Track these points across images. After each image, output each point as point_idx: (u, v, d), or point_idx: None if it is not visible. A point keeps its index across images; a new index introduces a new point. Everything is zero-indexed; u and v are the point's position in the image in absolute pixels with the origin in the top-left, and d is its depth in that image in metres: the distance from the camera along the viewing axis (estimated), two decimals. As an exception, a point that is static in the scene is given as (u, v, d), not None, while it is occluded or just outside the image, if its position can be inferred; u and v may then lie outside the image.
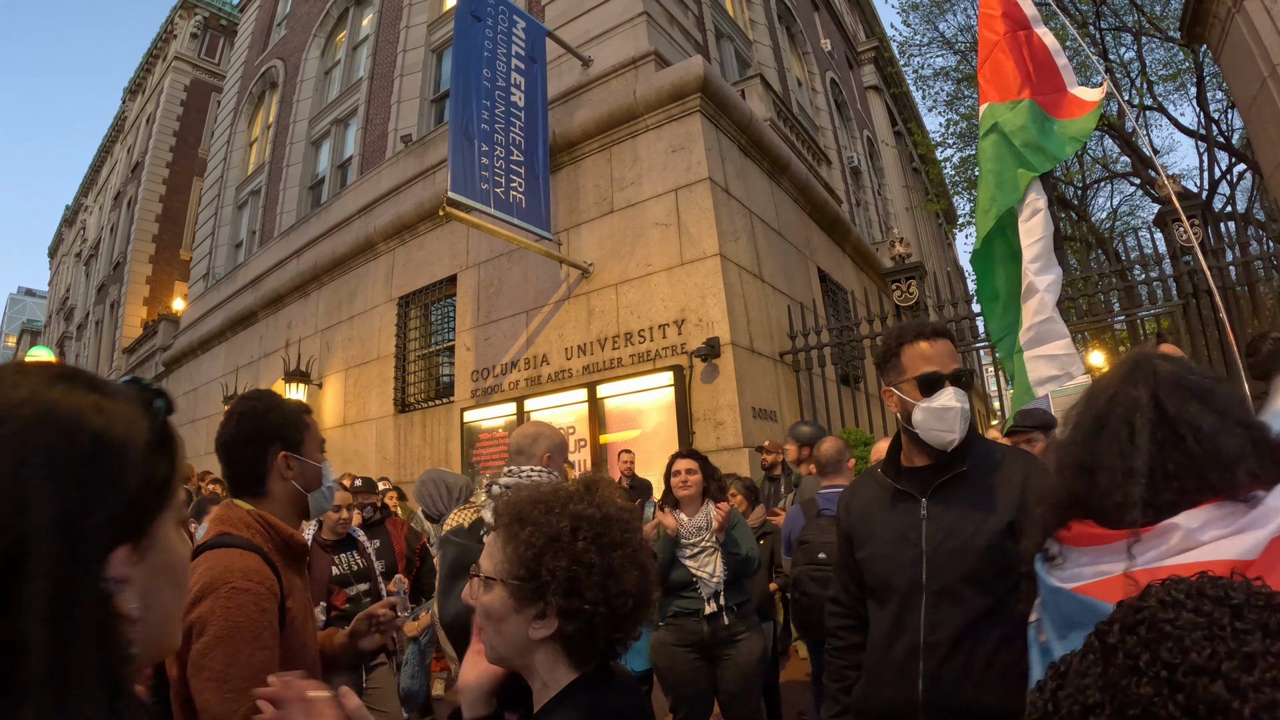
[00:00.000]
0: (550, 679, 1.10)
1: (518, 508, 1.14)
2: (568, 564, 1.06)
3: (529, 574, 1.07)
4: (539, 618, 1.07)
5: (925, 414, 1.74)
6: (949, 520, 1.71)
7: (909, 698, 1.66)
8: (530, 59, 8.03)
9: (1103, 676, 0.57)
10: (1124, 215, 22.24)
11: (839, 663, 1.97)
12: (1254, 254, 6.36)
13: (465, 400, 8.95)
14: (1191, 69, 14.58)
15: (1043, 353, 3.21)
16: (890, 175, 21.81)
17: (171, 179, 29.61)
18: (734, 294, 7.29)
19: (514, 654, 1.11)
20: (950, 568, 1.68)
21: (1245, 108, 9.08)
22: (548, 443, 2.65)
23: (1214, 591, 0.58)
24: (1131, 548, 1.05)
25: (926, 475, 1.79)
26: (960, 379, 1.76)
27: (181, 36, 31.38)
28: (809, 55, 16.89)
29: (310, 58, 15.53)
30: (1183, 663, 0.53)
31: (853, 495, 2.01)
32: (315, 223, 13.26)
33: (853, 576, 1.92)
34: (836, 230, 11.64)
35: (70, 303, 37.52)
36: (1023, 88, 3.50)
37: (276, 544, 1.63)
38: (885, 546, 1.80)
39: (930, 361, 1.77)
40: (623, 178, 8.08)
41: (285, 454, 1.69)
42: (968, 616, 1.64)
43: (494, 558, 1.13)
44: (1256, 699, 0.50)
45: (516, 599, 1.08)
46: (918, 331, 1.82)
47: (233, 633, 1.41)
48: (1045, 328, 3.23)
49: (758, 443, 6.88)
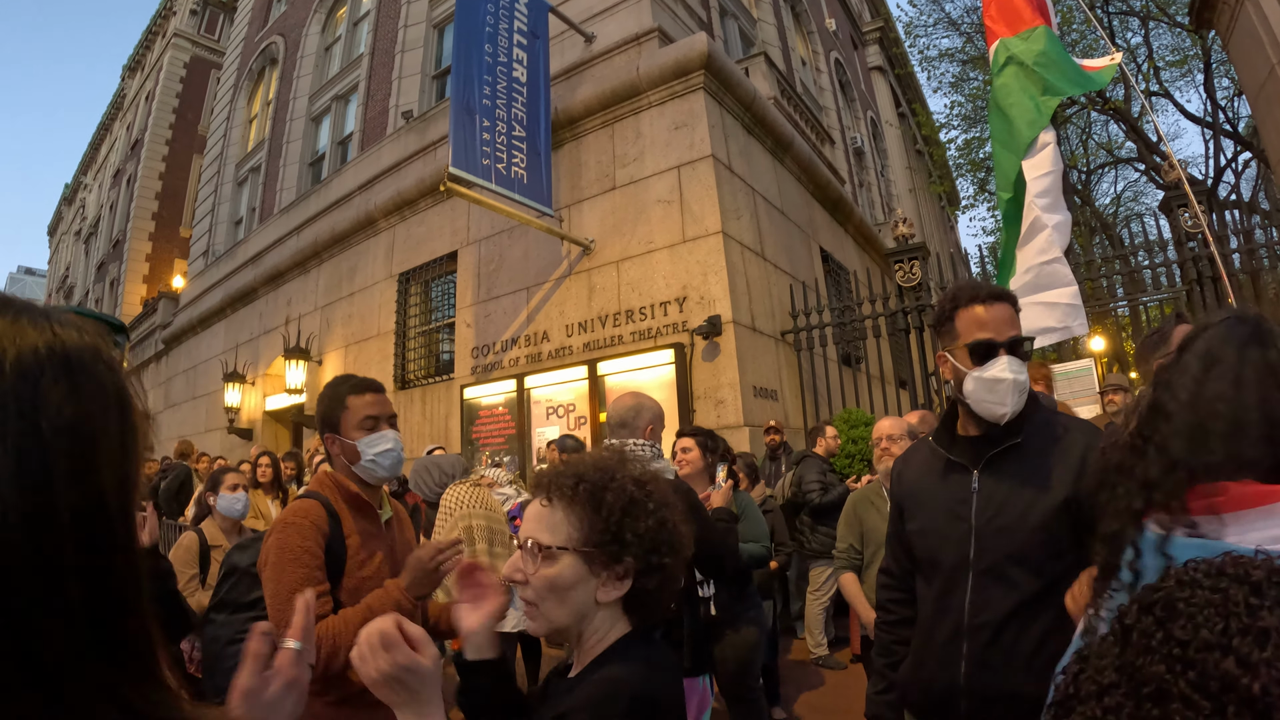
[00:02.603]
0: (604, 638, 1.13)
1: (581, 477, 1.15)
2: (652, 524, 1.12)
3: (612, 538, 1.10)
4: (616, 579, 1.11)
5: (976, 384, 1.64)
6: (1000, 495, 1.62)
7: (952, 681, 1.59)
8: (533, 34, 7.96)
9: (1120, 657, 0.57)
10: (1128, 201, 22.15)
11: (887, 637, 1.90)
12: (1259, 242, 6.33)
13: (465, 377, 8.94)
14: (1199, 55, 14.46)
15: (1043, 299, 2.89)
16: (894, 156, 21.69)
17: (171, 156, 29.46)
18: (736, 272, 7.26)
19: (575, 621, 1.12)
20: (998, 547, 1.59)
21: (1253, 95, 9.00)
22: (649, 414, 2.62)
23: (1234, 570, 0.57)
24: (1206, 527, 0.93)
25: (980, 445, 1.69)
26: (1018, 348, 1.64)
27: (181, 13, 31.11)
28: (813, 34, 16.74)
29: (311, 33, 15.39)
30: (1194, 639, 0.53)
31: (905, 464, 1.92)
32: (315, 199, 13.20)
33: (904, 548, 1.85)
34: (839, 210, 11.59)
35: (70, 281, 37.43)
36: (1035, 16, 3.33)
37: (344, 495, 1.96)
38: (934, 520, 1.73)
39: (985, 328, 1.65)
40: (625, 154, 8.03)
41: (329, 435, 1.98)
42: (1016, 599, 1.55)
43: (558, 529, 1.12)
44: (1269, 674, 0.49)
45: (591, 564, 1.10)
46: (973, 294, 1.70)
47: (279, 556, 1.78)
48: (1050, 270, 2.91)
49: (758, 421, 6.89)
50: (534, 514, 1.16)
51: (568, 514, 1.13)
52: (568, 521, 1.12)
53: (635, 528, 1.11)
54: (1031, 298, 2.91)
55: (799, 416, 7.87)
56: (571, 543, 1.11)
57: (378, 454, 1.95)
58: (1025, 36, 3.31)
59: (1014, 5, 3.42)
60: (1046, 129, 3.10)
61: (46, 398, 0.47)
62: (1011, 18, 3.40)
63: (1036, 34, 3.28)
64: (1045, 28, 3.30)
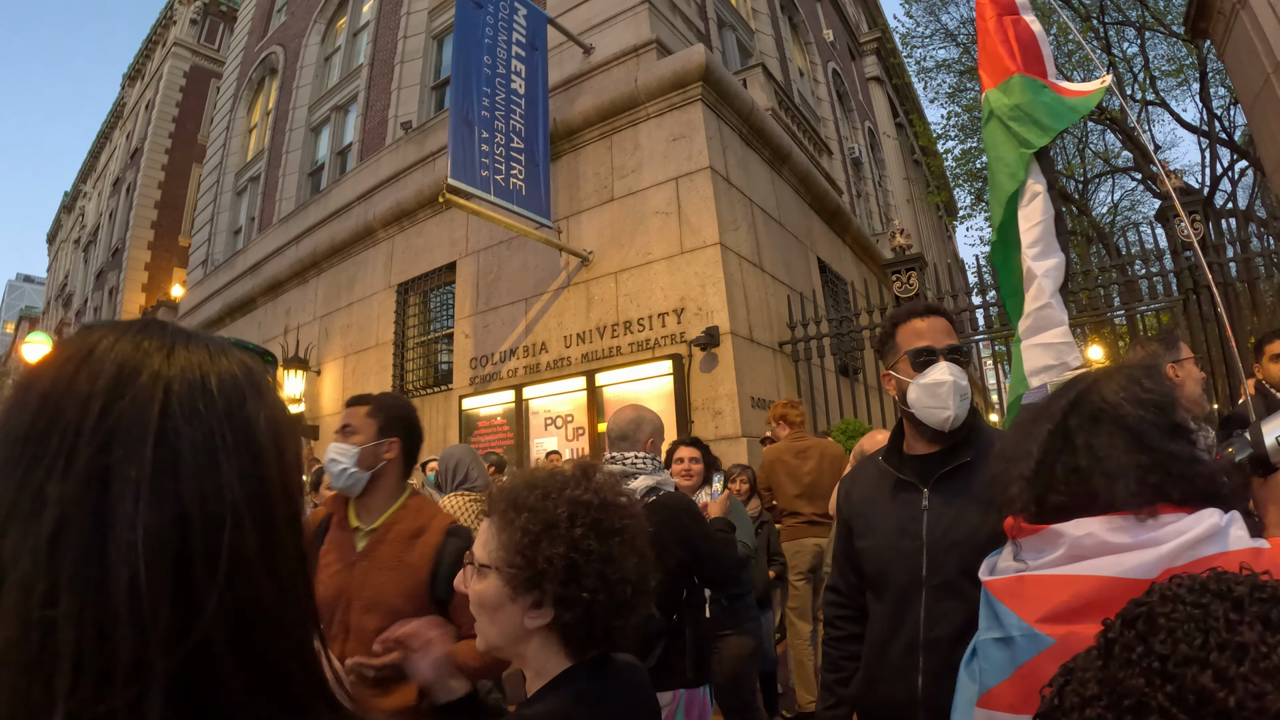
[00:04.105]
0: (544, 668, 1.08)
1: (514, 493, 1.12)
2: (565, 551, 1.04)
3: (525, 561, 1.05)
4: (535, 606, 1.05)
5: (919, 391, 1.68)
6: (951, 512, 1.64)
7: (908, 695, 1.62)
8: (531, 46, 7.99)
9: (1102, 670, 0.58)
10: (1125, 210, 22.15)
11: (836, 654, 1.92)
12: (1255, 251, 6.35)
13: (464, 387, 8.94)
14: (1195, 64, 14.53)
15: (1039, 341, 3.08)
16: (891, 167, 21.76)
17: (170, 165, 29.53)
18: (734, 283, 7.28)
19: (507, 643, 1.09)
20: (951, 563, 1.60)
21: (1248, 104, 9.05)
22: (650, 427, 2.62)
23: (1217, 586, 0.58)
24: (1020, 549, 1.13)
25: (929, 464, 1.72)
26: (955, 354, 1.70)
27: (181, 22, 31.24)
28: (811, 45, 16.82)
29: (310, 44, 15.45)
30: (1173, 654, 0.54)
31: (853, 483, 1.94)
32: (314, 209, 13.22)
33: (852, 566, 1.87)
34: (837, 221, 11.62)
35: (69, 289, 37.46)
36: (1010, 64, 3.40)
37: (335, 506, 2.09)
38: (885, 537, 1.75)
39: (923, 337, 1.72)
40: (623, 166, 8.06)
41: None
42: (970, 612, 1.54)
43: (489, 545, 1.10)
44: (1244, 688, 0.50)
45: (512, 587, 1.06)
46: (911, 310, 1.79)
47: None
48: (1043, 314, 3.09)
49: (755, 432, 6.89)
50: (482, 527, 1.15)
51: (498, 531, 1.10)
52: (496, 539, 1.10)
53: (546, 553, 1.04)
54: (1030, 340, 3.12)
55: (797, 427, 7.86)
56: (494, 561, 1.08)
57: (326, 463, 2.02)
58: (1003, 88, 3.38)
59: (996, 55, 3.48)
60: (1038, 179, 3.19)
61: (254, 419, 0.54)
62: (993, 68, 3.48)
63: (1011, 84, 3.35)
64: (1020, 75, 3.36)
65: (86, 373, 0.50)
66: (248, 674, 0.49)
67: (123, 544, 0.45)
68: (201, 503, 0.49)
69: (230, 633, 0.48)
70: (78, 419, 0.48)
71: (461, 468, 4.07)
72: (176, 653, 0.46)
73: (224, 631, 0.48)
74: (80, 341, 0.52)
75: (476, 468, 4.13)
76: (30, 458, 0.47)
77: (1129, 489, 1.03)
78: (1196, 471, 1.05)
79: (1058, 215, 3.21)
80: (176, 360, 0.53)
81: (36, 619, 0.44)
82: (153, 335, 0.54)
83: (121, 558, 0.45)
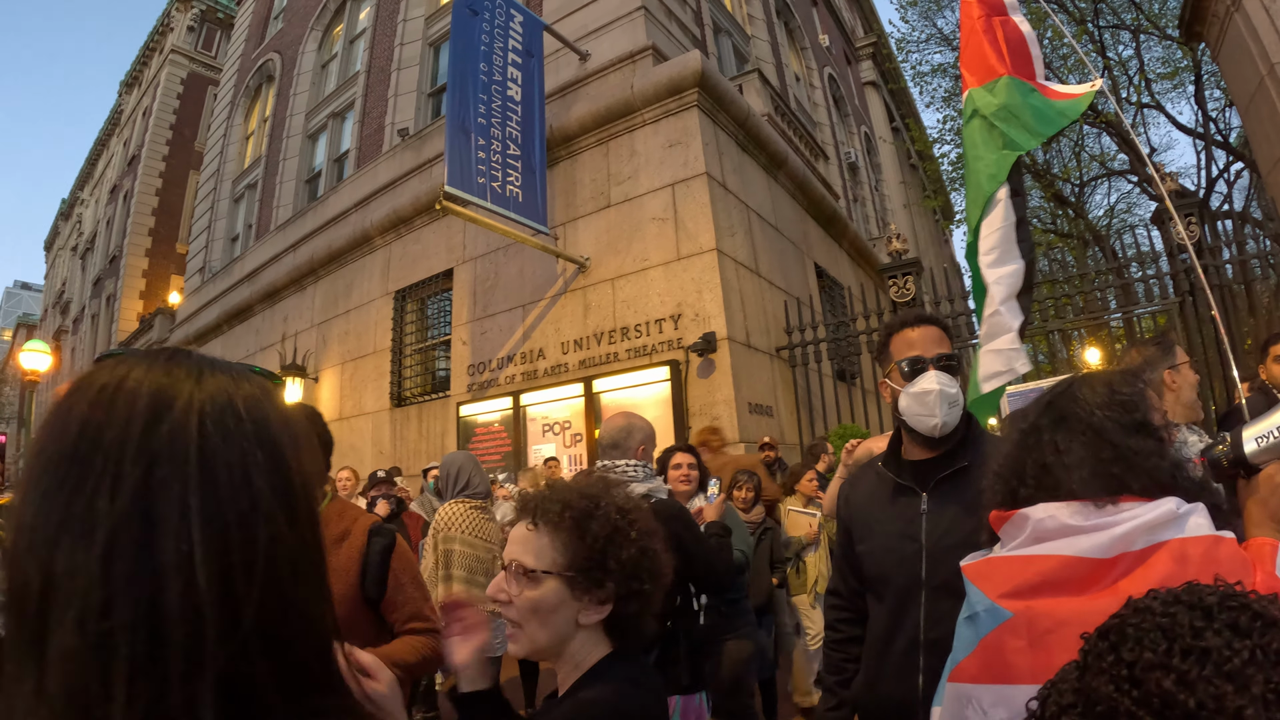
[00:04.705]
0: (585, 660, 1.15)
1: (568, 502, 1.18)
2: (634, 552, 1.16)
3: (595, 564, 1.13)
4: (597, 603, 1.14)
5: (908, 399, 1.72)
6: (949, 516, 1.68)
7: (909, 694, 1.64)
8: (527, 53, 8.01)
9: (1079, 680, 0.62)
10: (1121, 212, 22.17)
11: (837, 655, 1.95)
12: (1251, 252, 6.37)
13: (461, 394, 8.94)
14: (1190, 67, 14.57)
15: (992, 348, 3.16)
16: (888, 171, 21.80)
17: (168, 173, 29.53)
18: (730, 289, 7.28)
19: (556, 643, 1.15)
20: (950, 564, 1.59)
21: (1243, 106, 9.08)
22: (641, 435, 2.65)
23: (1189, 597, 0.62)
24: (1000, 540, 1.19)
25: (928, 469, 1.76)
26: (945, 363, 1.74)
27: (178, 30, 31.27)
28: (807, 51, 16.86)
29: (307, 51, 15.47)
30: (1139, 660, 0.58)
31: (852, 488, 1.98)
32: (311, 216, 13.22)
33: (852, 569, 1.91)
34: (833, 226, 11.63)
35: (66, 296, 37.43)
36: (999, 65, 3.41)
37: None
38: (885, 540, 1.78)
39: (914, 347, 1.77)
40: (620, 172, 8.07)
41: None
42: None
43: (543, 553, 1.15)
44: (1205, 690, 0.53)
45: (574, 589, 1.13)
46: (904, 320, 1.84)
47: None
48: (994, 321, 3.17)
49: (753, 438, 6.89)
50: (519, 537, 1.18)
51: (553, 539, 1.15)
52: (552, 546, 1.15)
53: (618, 555, 1.14)
54: (986, 347, 3.23)
55: (794, 432, 7.87)
56: (556, 567, 1.14)
57: None
58: (990, 88, 3.39)
59: (982, 54, 3.48)
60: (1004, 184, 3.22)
61: (278, 437, 0.58)
62: (979, 67, 3.48)
63: (999, 85, 3.36)
64: (1009, 78, 3.36)
65: (124, 399, 0.53)
66: (277, 670, 0.53)
67: (173, 555, 0.49)
68: (239, 515, 0.53)
69: (264, 632, 0.52)
70: (120, 441, 0.51)
71: (463, 475, 4.06)
72: (222, 654, 0.49)
73: (259, 631, 0.52)
74: (112, 370, 0.56)
75: (478, 475, 4.12)
76: (77, 478, 0.50)
77: (1088, 478, 1.09)
78: (1157, 465, 1.09)
79: (1020, 221, 3.22)
80: (206, 385, 0.56)
81: (94, 629, 0.47)
82: (181, 363, 0.58)
83: (174, 568, 0.49)
